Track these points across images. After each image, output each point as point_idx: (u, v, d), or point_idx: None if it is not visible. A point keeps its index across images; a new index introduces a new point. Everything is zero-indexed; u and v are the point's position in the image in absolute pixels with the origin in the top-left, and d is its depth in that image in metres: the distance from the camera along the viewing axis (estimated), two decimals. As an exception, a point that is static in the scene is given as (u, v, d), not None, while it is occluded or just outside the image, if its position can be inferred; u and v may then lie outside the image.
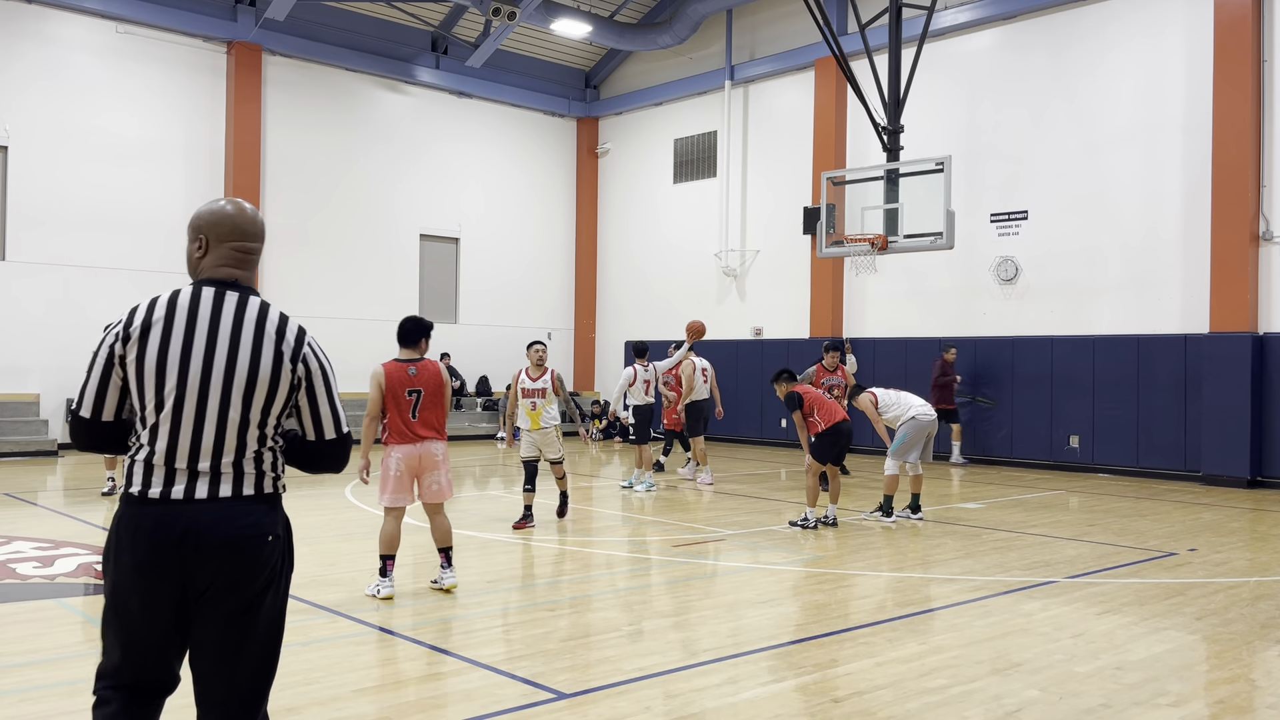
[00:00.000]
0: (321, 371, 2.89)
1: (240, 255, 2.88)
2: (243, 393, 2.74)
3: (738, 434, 20.34)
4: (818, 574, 7.76)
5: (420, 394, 6.75)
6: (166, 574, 2.68)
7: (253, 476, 2.77)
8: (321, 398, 2.88)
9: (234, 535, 2.70)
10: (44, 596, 6.64)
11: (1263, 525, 10.53)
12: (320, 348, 2.95)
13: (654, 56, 22.42)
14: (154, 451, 2.73)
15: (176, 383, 2.72)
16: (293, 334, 2.84)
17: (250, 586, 2.74)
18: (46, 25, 16.88)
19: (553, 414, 9.66)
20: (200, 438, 2.72)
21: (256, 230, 2.92)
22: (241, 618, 2.74)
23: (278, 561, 2.81)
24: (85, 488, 12.54)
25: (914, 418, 10.16)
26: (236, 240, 2.87)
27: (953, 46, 17.33)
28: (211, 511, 2.70)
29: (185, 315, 2.75)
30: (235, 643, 2.74)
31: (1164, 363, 14.70)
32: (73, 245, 17.04)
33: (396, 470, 6.78)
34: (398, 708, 4.56)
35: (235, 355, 2.75)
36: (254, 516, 2.75)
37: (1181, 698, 4.85)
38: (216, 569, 2.69)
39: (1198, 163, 14.49)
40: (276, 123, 19.17)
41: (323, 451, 2.92)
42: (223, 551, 2.69)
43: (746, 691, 4.86)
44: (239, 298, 2.81)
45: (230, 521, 2.71)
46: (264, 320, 2.80)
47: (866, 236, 13.44)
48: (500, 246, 22.44)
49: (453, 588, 6.85)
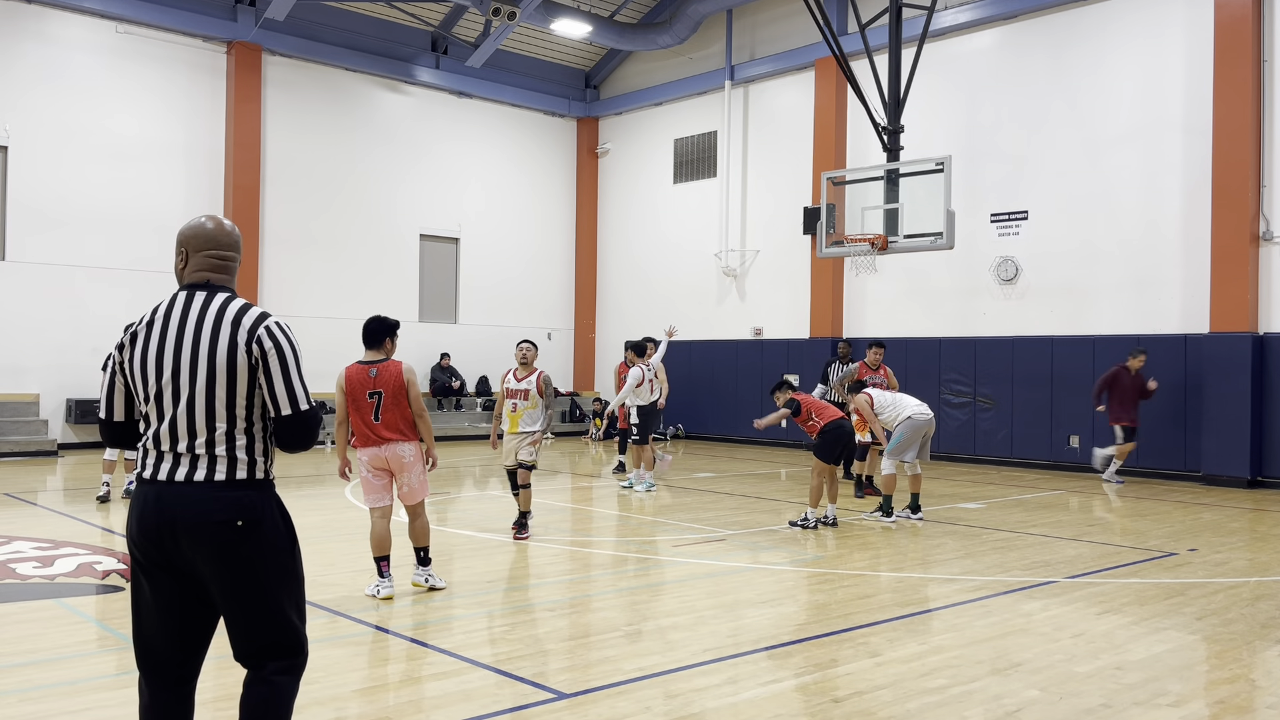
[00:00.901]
0: (277, 350, 3.08)
1: (214, 261, 3.21)
2: (206, 379, 3.03)
3: (738, 434, 20.36)
4: (818, 574, 7.76)
5: (381, 396, 6.65)
6: (157, 545, 3.03)
7: (226, 460, 3.04)
8: (277, 375, 3.08)
9: (206, 519, 2.99)
10: (43, 596, 6.63)
11: (1263, 525, 10.53)
12: (282, 330, 3.14)
13: (654, 56, 22.42)
14: (148, 437, 3.09)
15: (155, 376, 3.07)
16: (250, 320, 3.08)
17: (230, 562, 3.01)
18: (46, 25, 16.88)
19: (535, 418, 9.08)
20: (177, 422, 3.04)
21: (229, 240, 3.23)
22: (234, 586, 3.04)
23: (257, 540, 3.04)
24: (85, 488, 12.54)
25: (910, 418, 10.22)
26: (210, 249, 3.20)
27: (953, 46, 17.33)
28: (190, 495, 3.01)
29: (163, 318, 3.12)
30: (236, 604, 3.06)
31: (1164, 363, 14.69)
32: (73, 245, 17.04)
33: (366, 472, 6.78)
34: (397, 707, 4.56)
35: (198, 346, 3.05)
36: (225, 503, 3.01)
37: (1181, 698, 4.85)
38: (194, 547, 3.00)
39: (1198, 163, 14.49)
40: (276, 123, 19.17)
41: (285, 426, 3.11)
42: (196, 533, 2.99)
43: (746, 691, 4.86)
44: (206, 295, 3.13)
45: (203, 505, 3.00)
46: (224, 311, 3.09)
47: (866, 236, 13.43)
48: (500, 246, 22.44)
49: (432, 589, 6.85)
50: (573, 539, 9.31)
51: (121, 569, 7.47)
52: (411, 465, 6.78)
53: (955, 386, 16.90)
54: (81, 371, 17.00)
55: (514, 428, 9.09)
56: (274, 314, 3.17)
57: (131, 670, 5.10)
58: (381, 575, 6.74)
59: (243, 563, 3.02)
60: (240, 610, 3.08)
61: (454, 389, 20.80)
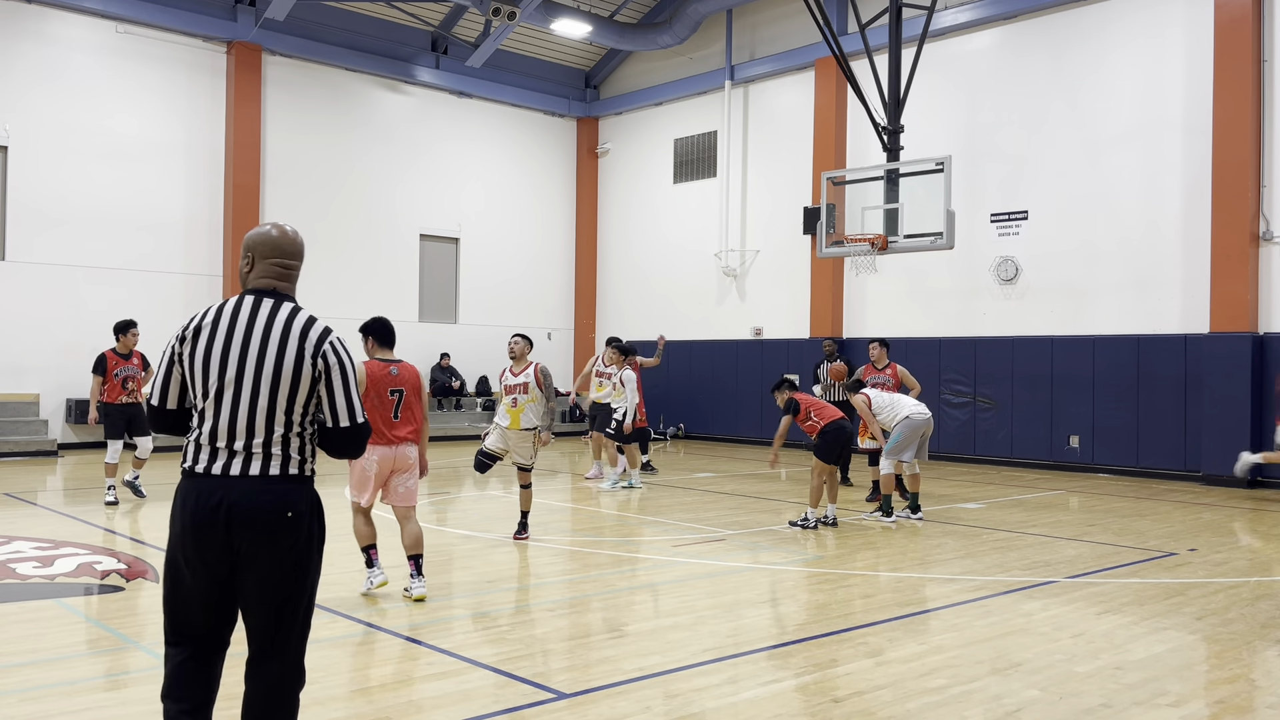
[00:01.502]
0: (340, 366, 3.30)
1: (279, 269, 3.40)
2: (270, 385, 3.21)
3: (738, 434, 20.36)
4: (818, 574, 7.76)
5: (402, 394, 6.65)
6: (207, 537, 3.17)
7: (279, 459, 3.22)
8: (338, 389, 3.29)
9: (258, 508, 3.16)
10: (44, 596, 6.63)
11: (1263, 525, 10.53)
12: (343, 347, 3.35)
13: (654, 56, 22.42)
14: (202, 433, 3.23)
15: (218, 375, 3.22)
16: (316, 334, 3.29)
17: (274, 550, 3.18)
18: (46, 25, 16.88)
19: (537, 412, 8.75)
20: (235, 422, 3.20)
21: (294, 249, 3.44)
22: (272, 575, 3.20)
23: (301, 532, 3.23)
24: (85, 488, 12.54)
25: (908, 417, 10.25)
26: (276, 257, 3.39)
27: (953, 46, 17.33)
28: (242, 486, 3.17)
29: (229, 319, 3.27)
30: (269, 595, 3.21)
31: (1164, 363, 14.70)
32: (73, 245, 17.03)
33: (372, 470, 6.61)
34: (397, 708, 4.56)
35: (264, 352, 3.22)
36: (276, 494, 3.19)
37: (1181, 698, 4.85)
38: (244, 535, 3.16)
39: (1198, 163, 14.49)
40: (276, 123, 19.17)
41: (338, 436, 3.34)
42: (250, 521, 3.16)
43: (747, 691, 4.86)
44: (273, 304, 3.32)
45: (256, 496, 3.17)
46: (291, 322, 3.27)
47: (866, 236, 13.43)
48: (500, 246, 22.43)
49: (422, 598, 6.57)
50: (572, 539, 9.31)
51: (121, 569, 7.48)
52: (413, 468, 6.78)
53: (955, 386, 16.90)
54: (81, 371, 16.92)
55: (515, 424, 8.72)
56: (334, 329, 3.37)
57: (130, 671, 5.11)
58: (370, 565, 6.74)
59: (285, 552, 3.20)
60: (268, 600, 3.22)
61: (454, 389, 20.81)
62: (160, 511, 10.65)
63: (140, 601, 6.56)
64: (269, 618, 3.24)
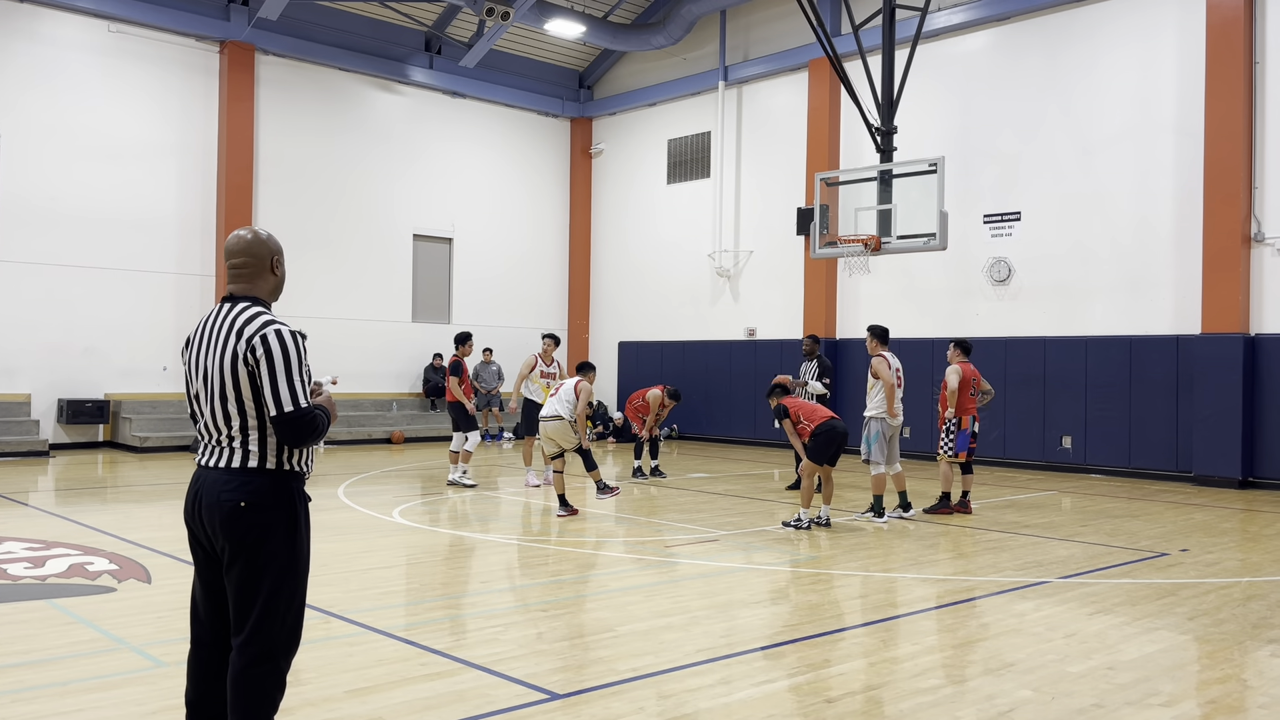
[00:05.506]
0: (268, 356, 3.38)
1: (234, 272, 3.60)
2: (219, 382, 3.45)
3: (731, 435, 20.37)
4: (811, 574, 7.77)
5: None
6: (191, 525, 3.55)
7: (240, 452, 3.45)
8: (265, 380, 3.39)
9: (218, 498, 3.42)
10: (35, 597, 6.61)
11: (1254, 525, 10.57)
12: (281, 337, 3.42)
13: (648, 57, 22.42)
14: (198, 429, 3.60)
15: (194, 378, 3.56)
16: (250, 330, 3.42)
17: (231, 539, 3.39)
18: (39, 24, 16.82)
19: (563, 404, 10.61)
20: (210, 420, 3.49)
21: (239, 248, 3.59)
22: (232, 564, 3.41)
23: (257, 522, 3.40)
24: (76, 488, 12.51)
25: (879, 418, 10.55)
26: (230, 260, 3.61)
27: (946, 48, 17.36)
28: (210, 478, 3.47)
29: (203, 326, 3.56)
30: (232, 584, 3.43)
31: (1156, 363, 14.75)
32: (65, 245, 16.98)
33: None
34: (390, 708, 4.56)
35: (215, 353, 3.47)
36: (234, 486, 3.41)
37: (1173, 698, 4.87)
38: (211, 524, 3.44)
39: (1190, 164, 14.54)
40: (269, 122, 19.13)
41: (276, 426, 3.42)
42: (211, 510, 3.43)
43: (740, 692, 4.86)
44: (229, 307, 3.53)
45: (218, 487, 3.43)
46: (235, 321, 3.46)
47: (860, 237, 13.44)
48: (493, 247, 22.41)
49: None
50: (565, 539, 9.31)
51: (113, 570, 7.45)
52: None
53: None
54: (73, 372, 16.96)
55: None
56: (280, 320, 3.49)
57: (126, 671, 5.10)
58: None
59: (239, 541, 3.39)
60: (234, 589, 3.43)
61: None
62: (153, 511, 10.63)
63: (132, 602, 6.54)
64: (235, 607, 3.43)
